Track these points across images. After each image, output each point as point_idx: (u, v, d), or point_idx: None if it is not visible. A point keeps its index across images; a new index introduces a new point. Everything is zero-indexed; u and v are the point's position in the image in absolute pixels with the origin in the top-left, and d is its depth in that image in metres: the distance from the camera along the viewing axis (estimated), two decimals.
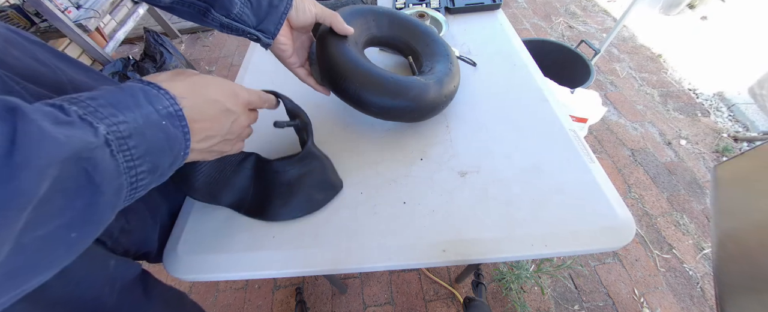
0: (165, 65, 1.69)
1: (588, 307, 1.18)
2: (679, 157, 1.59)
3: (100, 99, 0.24)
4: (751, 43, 2.08)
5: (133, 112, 0.25)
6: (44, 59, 0.38)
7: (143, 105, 0.26)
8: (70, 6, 1.62)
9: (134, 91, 0.27)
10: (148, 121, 0.26)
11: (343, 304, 1.21)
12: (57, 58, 0.41)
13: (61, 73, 0.38)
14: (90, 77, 0.44)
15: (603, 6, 2.62)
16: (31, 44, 0.38)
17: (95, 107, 0.23)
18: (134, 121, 0.25)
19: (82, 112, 0.23)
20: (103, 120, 0.23)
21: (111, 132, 0.23)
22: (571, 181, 0.51)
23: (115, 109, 0.24)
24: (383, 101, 0.51)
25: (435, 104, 0.56)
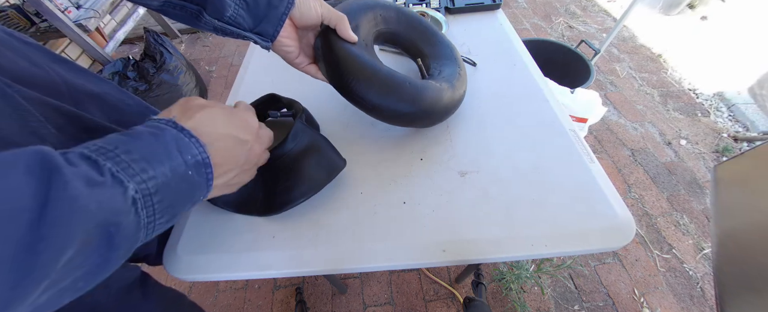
0: (165, 65, 1.68)
1: (588, 307, 1.18)
2: (679, 157, 1.59)
3: (135, 152, 0.24)
4: (751, 43, 2.08)
5: (163, 165, 0.25)
6: (39, 61, 0.37)
7: (174, 156, 0.26)
8: (70, 6, 1.62)
9: (167, 140, 0.27)
10: (175, 173, 0.26)
11: (343, 304, 1.21)
12: (52, 60, 0.40)
13: (56, 75, 0.38)
14: (87, 79, 0.43)
15: (603, 6, 2.62)
16: (26, 46, 0.38)
17: (129, 162, 0.23)
18: (163, 175, 0.25)
19: (116, 169, 0.23)
20: (133, 177, 0.23)
21: (139, 190, 0.24)
22: (571, 181, 0.51)
23: (147, 163, 0.24)
24: (401, 107, 0.48)
25: (447, 109, 0.54)
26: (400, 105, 0.47)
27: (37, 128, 0.32)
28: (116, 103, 0.45)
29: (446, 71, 0.58)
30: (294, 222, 0.50)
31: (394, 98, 0.46)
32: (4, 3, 1.74)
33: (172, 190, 0.26)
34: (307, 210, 0.51)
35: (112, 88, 0.47)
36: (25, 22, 1.66)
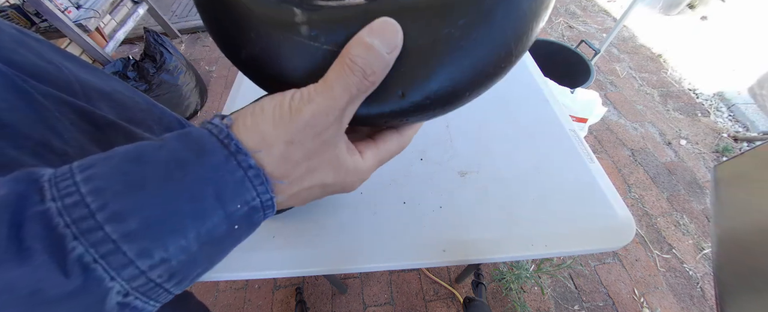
0: (165, 65, 1.68)
1: (588, 307, 1.18)
2: (679, 157, 1.59)
3: (130, 219, 0.14)
4: (751, 43, 2.08)
5: (185, 235, 0.15)
6: (51, 58, 0.37)
7: (209, 214, 0.15)
8: (70, 6, 1.62)
9: (202, 183, 0.15)
10: (208, 239, 0.16)
11: (343, 304, 1.21)
12: (64, 58, 0.41)
13: (69, 73, 0.38)
14: (97, 77, 0.43)
15: (603, 6, 2.62)
16: (38, 43, 0.38)
17: (117, 242, 0.13)
18: (182, 252, 0.15)
19: (91, 256, 0.13)
20: (123, 270, 0.14)
21: (134, 289, 0.14)
22: (571, 181, 0.51)
23: (152, 241, 0.14)
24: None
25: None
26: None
27: (53, 123, 0.32)
28: (126, 101, 0.46)
29: None
30: (294, 222, 0.50)
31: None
32: (4, 3, 1.74)
33: (198, 263, 0.16)
34: (307, 210, 0.51)
35: (121, 85, 0.48)
36: (25, 22, 1.67)
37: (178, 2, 2.83)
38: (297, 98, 0.17)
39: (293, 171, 0.17)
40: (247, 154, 0.16)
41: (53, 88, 0.34)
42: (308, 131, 0.16)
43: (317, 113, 0.16)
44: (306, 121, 0.16)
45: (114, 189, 0.14)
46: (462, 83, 0.19)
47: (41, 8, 1.46)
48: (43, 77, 0.34)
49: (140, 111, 0.48)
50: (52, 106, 0.33)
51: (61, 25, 1.53)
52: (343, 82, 0.16)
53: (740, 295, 0.47)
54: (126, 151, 0.15)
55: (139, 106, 0.48)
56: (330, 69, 0.17)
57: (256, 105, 0.17)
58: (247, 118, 0.17)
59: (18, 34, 0.36)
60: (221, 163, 0.15)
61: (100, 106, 0.41)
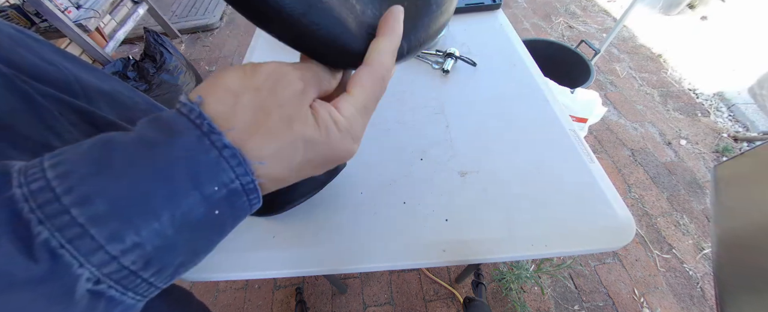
0: (165, 65, 1.68)
1: (588, 307, 1.18)
2: (679, 157, 1.59)
3: (98, 201, 0.13)
4: (751, 43, 2.08)
5: (158, 218, 0.14)
6: (50, 58, 0.37)
7: (183, 195, 0.15)
8: (70, 6, 1.62)
9: (173, 163, 0.14)
10: (185, 223, 0.15)
11: (343, 304, 1.21)
12: (63, 58, 0.41)
13: (68, 72, 0.38)
14: (97, 77, 0.43)
15: (603, 6, 2.62)
16: (37, 43, 0.38)
17: (85, 225, 0.13)
18: (157, 236, 0.14)
19: (58, 241, 0.13)
20: (92, 254, 0.13)
21: (104, 277, 0.13)
22: (571, 181, 0.51)
23: (122, 223, 0.13)
24: None
25: None
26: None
27: (53, 124, 0.32)
28: (126, 101, 0.46)
29: None
30: (294, 222, 0.50)
31: None
32: (4, 3, 1.74)
33: (178, 249, 0.15)
34: (308, 210, 0.51)
35: (121, 85, 0.48)
36: (25, 22, 1.66)
37: (178, 2, 2.83)
38: (250, 64, 0.18)
39: (266, 120, 0.17)
40: (221, 133, 0.15)
41: (53, 89, 0.34)
42: (272, 77, 0.17)
43: (280, 63, 0.18)
44: (270, 70, 0.18)
45: (80, 172, 0.13)
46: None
47: (41, 8, 1.46)
48: (43, 78, 0.34)
49: (140, 111, 0.48)
50: (52, 107, 0.33)
51: (61, 25, 1.53)
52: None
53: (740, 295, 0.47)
54: (96, 138, 0.15)
55: (139, 106, 0.48)
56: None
57: (216, 73, 0.18)
58: (207, 86, 0.17)
59: (17, 34, 0.36)
60: (193, 142, 0.15)
61: (100, 106, 0.41)
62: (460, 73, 0.73)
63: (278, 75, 0.18)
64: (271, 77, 0.17)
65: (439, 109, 0.65)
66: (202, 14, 2.66)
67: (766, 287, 0.42)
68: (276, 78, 0.18)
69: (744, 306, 0.46)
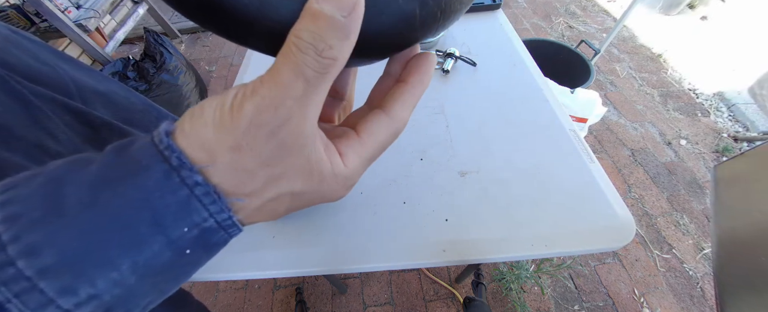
0: (165, 65, 1.68)
1: (588, 307, 1.18)
2: (679, 157, 1.59)
3: (46, 252, 0.12)
4: (751, 43, 2.08)
5: (117, 267, 0.13)
6: (46, 59, 0.37)
7: (146, 242, 0.13)
8: (70, 6, 1.62)
9: (133, 205, 0.13)
10: (149, 270, 0.13)
11: (343, 304, 1.21)
12: (58, 58, 0.41)
13: (64, 73, 0.38)
14: (93, 78, 0.43)
15: (603, 6, 2.62)
16: (32, 44, 0.38)
17: (33, 279, 0.12)
18: (116, 286, 0.13)
19: (3, 296, 0.12)
20: (43, 309, 0.12)
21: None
22: (571, 181, 0.51)
23: (74, 276, 0.12)
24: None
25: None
26: None
27: (47, 125, 0.32)
28: (122, 101, 0.45)
29: None
30: (294, 222, 0.50)
31: None
32: (4, 3, 1.74)
33: (143, 294, 0.14)
34: (307, 210, 0.51)
35: (117, 86, 0.47)
36: (25, 22, 1.66)
37: None
38: (239, 95, 0.13)
39: (249, 182, 0.14)
40: (192, 168, 0.13)
41: (48, 90, 0.34)
42: (256, 132, 0.13)
43: (263, 108, 0.13)
44: (250, 120, 0.13)
45: (29, 216, 0.12)
46: None
47: (41, 8, 1.46)
48: (38, 78, 0.34)
49: (137, 112, 0.47)
50: (46, 108, 0.33)
51: (61, 25, 1.53)
52: (291, 66, 0.13)
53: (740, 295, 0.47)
54: (52, 168, 0.13)
55: (136, 107, 0.48)
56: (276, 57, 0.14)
57: (197, 106, 0.14)
58: (185, 124, 0.14)
59: (12, 35, 0.36)
60: (160, 180, 0.13)
61: (95, 106, 0.40)
62: (460, 73, 0.73)
63: (263, 123, 0.13)
64: (254, 129, 0.13)
65: (439, 109, 0.65)
66: None
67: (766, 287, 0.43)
68: (263, 129, 0.13)
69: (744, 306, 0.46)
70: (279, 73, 0.13)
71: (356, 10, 0.12)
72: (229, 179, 0.14)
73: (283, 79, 0.13)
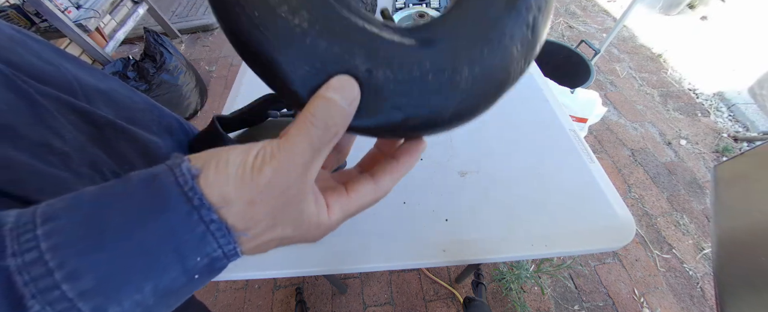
0: (165, 65, 1.68)
1: (588, 307, 1.18)
2: (679, 157, 1.59)
3: (87, 277, 0.14)
4: (751, 43, 2.08)
5: (141, 290, 0.15)
6: (50, 58, 0.37)
7: (168, 269, 0.15)
8: (70, 6, 1.62)
9: (161, 239, 0.15)
10: (166, 292, 0.16)
11: (343, 304, 1.21)
12: (62, 58, 0.41)
13: (68, 72, 0.38)
14: (95, 76, 0.43)
15: (603, 6, 2.62)
16: (37, 43, 0.38)
17: (74, 300, 0.14)
18: (138, 306, 0.15)
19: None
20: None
21: None
22: (571, 181, 0.51)
23: (106, 297, 0.14)
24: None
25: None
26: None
27: (53, 123, 0.32)
28: (124, 100, 0.45)
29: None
30: None
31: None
32: (4, 3, 1.74)
33: (156, 310, 0.16)
34: None
35: (118, 84, 0.47)
36: (25, 22, 1.66)
37: (178, 2, 2.83)
38: (260, 156, 0.16)
39: (253, 226, 0.17)
40: (211, 208, 0.16)
41: (53, 89, 0.34)
42: (270, 191, 0.16)
43: (279, 171, 0.16)
44: (267, 182, 0.16)
45: (73, 245, 0.14)
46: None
47: (41, 8, 1.46)
48: (43, 77, 0.34)
49: (139, 111, 0.47)
50: (51, 107, 0.33)
51: (61, 25, 1.53)
52: (305, 136, 0.16)
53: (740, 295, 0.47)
54: (89, 200, 0.15)
55: (138, 106, 0.48)
56: (291, 125, 0.17)
57: (222, 157, 0.16)
58: (210, 171, 0.16)
59: (16, 34, 0.36)
60: (183, 218, 0.15)
61: (98, 105, 0.40)
62: None
63: (276, 185, 0.16)
64: (269, 189, 0.16)
65: None
66: (202, 14, 2.67)
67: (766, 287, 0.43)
68: (276, 189, 0.16)
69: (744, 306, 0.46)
70: (294, 143, 0.16)
71: (355, 102, 0.17)
72: (238, 221, 0.17)
73: (297, 148, 0.16)
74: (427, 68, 0.18)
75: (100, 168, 0.36)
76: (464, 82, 0.18)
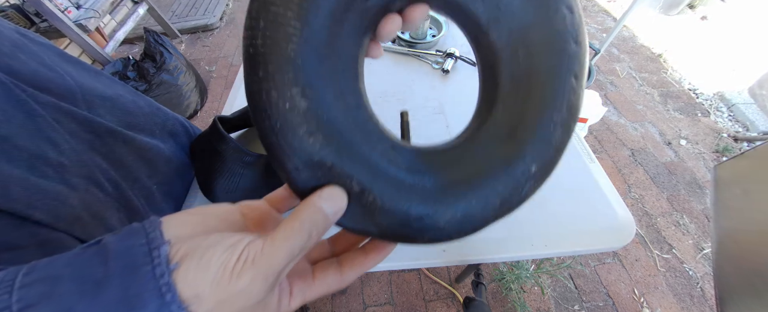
0: (165, 65, 1.68)
1: (588, 307, 1.18)
2: (679, 157, 1.59)
3: None
4: (751, 43, 2.08)
5: None
6: (53, 63, 0.37)
7: None
8: (70, 6, 1.62)
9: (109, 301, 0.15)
10: None
11: (343, 304, 1.21)
12: (65, 61, 0.40)
13: (70, 78, 0.38)
14: (100, 81, 0.43)
15: (603, 6, 2.62)
16: (40, 47, 0.38)
17: None
18: None
19: None
20: None
21: None
22: (571, 181, 0.51)
23: None
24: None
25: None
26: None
27: (50, 134, 0.32)
28: (128, 105, 0.45)
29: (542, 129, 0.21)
30: None
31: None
32: (4, 3, 1.74)
33: None
34: None
35: (124, 89, 0.47)
36: (25, 22, 1.66)
37: (178, 2, 2.83)
38: (241, 261, 0.16)
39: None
40: (182, 306, 0.16)
41: (54, 97, 0.34)
42: (243, 296, 0.17)
43: (256, 279, 0.16)
44: (243, 288, 0.16)
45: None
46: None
47: (41, 8, 1.46)
48: (44, 85, 0.34)
49: (143, 116, 0.47)
50: (50, 116, 0.33)
51: (61, 25, 1.53)
52: (288, 244, 0.17)
53: (740, 296, 0.47)
54: (68, 284, 0.15)
55: (142, 110, 0.48)
56: (278, 230, 0.17)
57: (205, 255, 0.16)
58: (190, 268, 0.16)
59: (19, 37, 0.36)
60: (152, 292, 0.16)
61: (100, 112, 0.40)
62: (460, 73, 0.73)
63: (250, 291, 0.16)
64: (242, 294, 0.16)
65: (439, 109, 0.65)
66: (202, 14, 2.67)
67: (766, 287, 0.43)
68: (248, 295, 0.17)
69: (744, 306, 0.46)
70: (276, 249, 0.17)
71: (340, 212, 0.19)
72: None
73: (278, 256, 0.17)
74: (413, 210, 0.19)
75: (96, 177, 0.36)
76: (444, 223, 0.20)
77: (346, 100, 0.19)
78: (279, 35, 0.17)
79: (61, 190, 0.31)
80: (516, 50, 0.21)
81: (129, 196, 0.40)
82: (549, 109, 0.20)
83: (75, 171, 0.34)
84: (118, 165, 0.40)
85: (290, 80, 0.17)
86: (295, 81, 0.17)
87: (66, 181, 0.32)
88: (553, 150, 0.21)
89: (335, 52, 0.19)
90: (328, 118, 0.18)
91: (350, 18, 0.19)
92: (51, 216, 0.30)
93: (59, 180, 0.32)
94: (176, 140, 0.54)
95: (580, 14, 0.21)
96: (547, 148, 0.20)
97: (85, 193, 0.34)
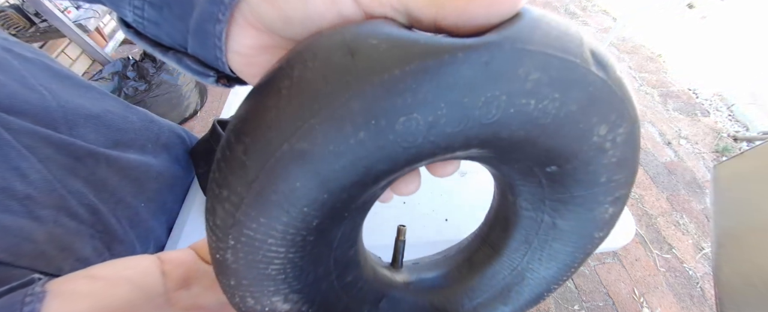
0: (165, 65, 1.68)
1: (588, 307, 1.18)
2: (679, 157, 1.59)
3: None
4: (751, 43, 2.08)
5: None
6: (34, 82, 0.35)
7: None
8: (70, 6, 1.62)
9: None
10: None
11: None
12: (51, 77, 0.38)
13: (52, 97, 0.36)
14: (88, 97, 0.41)
15: (603, 6, 2.62)
16: (23, 62, 0.36)
17: None
18: None
19: None
20: None
21: None
22: None
23: None
24: None
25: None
26: None
27: (19, 164, 0.31)
28: (117, 121, 0.43)
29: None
30: None
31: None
32: (3, 3, 1.74)
33: None
34: None
35: (115, 104, 0.45)
36: (25, 23, 1.66)
37: None
38: None
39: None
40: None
41: (30, 121, 0.33)
42: None
43: None
44: None
45: None
46: None
47: (41, 8, 1.46)
48: (20, 108, 0.32)
49: (133, 131, 0.46)
50: (22, 143, 0.31)
51: (60, 25, 1.53)
52: None
53: (740, 296, 0.47)
54: None
55: (133, 125, 0.46)
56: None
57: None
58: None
59: (2, 54, 0.34)
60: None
61: (84, 132, 0.39)
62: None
63: None
64: None
65: None
66: None
67: (766, 287, 0.43)
68: None
69: (744, 306, 0.46)
70: None
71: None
72: None
73: None
74: None
75: (68, 205, 0.35)
76: None
77: (332, 276, 0.18)
78: (257, 257, 0.14)
79: (24, 225, 0.30)
80: (541, 219, 0.19)
81: (107, 221, 0.38)
82: (548, 282, 0.22)
83: (44, 202, 0.32)
84: (99, 188, 0.38)
85: (270, 292, 0.15)
86: (276, 292, 0.15)
87: (32, 214, 0.31)
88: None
89: (331, 254, 0.17)
90: (313, 299, 0.17)
91: (351, 217, 0.15)
92: (11, 254, 0.28)
93: (24, 214, 0.30)
94: (170, 153, 0.52)
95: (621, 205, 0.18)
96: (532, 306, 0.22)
97: (54, 225, 0.33)
